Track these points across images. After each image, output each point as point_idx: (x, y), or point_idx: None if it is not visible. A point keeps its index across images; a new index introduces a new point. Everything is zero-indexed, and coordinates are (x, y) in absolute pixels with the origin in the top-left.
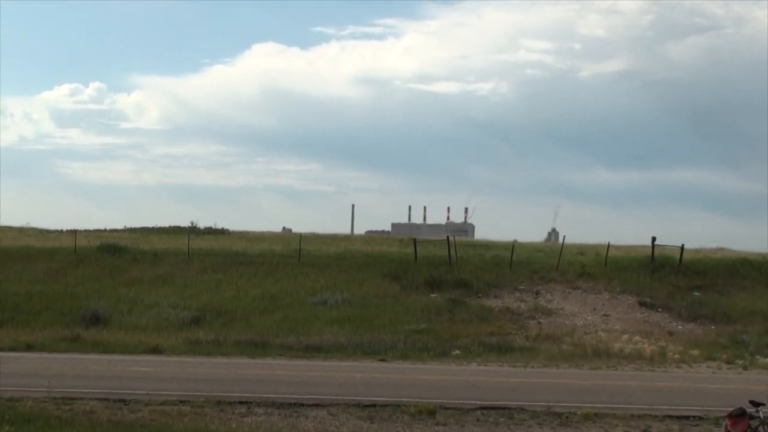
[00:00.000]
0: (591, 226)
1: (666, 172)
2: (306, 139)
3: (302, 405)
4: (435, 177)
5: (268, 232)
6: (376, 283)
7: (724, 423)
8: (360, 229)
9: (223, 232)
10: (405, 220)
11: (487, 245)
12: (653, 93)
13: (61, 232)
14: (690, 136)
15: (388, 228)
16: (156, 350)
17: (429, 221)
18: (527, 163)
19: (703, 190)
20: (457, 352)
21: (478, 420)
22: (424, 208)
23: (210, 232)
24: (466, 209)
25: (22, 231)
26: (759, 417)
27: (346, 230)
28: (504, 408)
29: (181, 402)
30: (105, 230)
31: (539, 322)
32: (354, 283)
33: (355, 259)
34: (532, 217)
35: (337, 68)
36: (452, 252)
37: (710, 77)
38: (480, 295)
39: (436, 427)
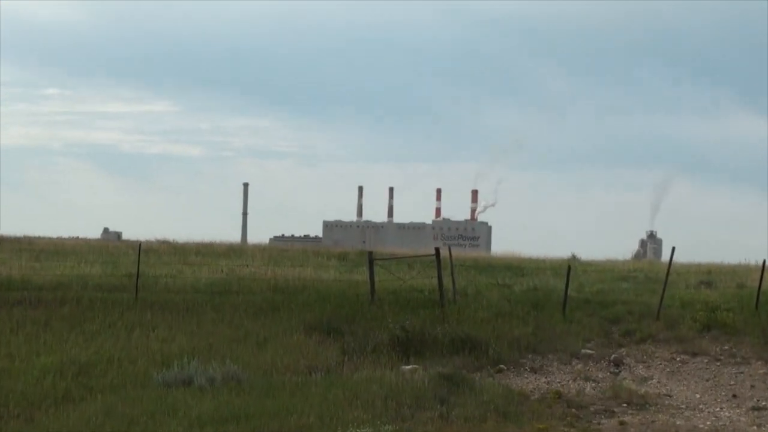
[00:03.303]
0: (727, 229)
1: None
2: (144, 47)
3: None
4: (411, 126)
5: (75, 238)
6: (292, 344)
7: None
8: (260, 234)
9: None
10: (350, 216)
11: (516, 266)
12: None
13: None
14: None
15: (318, 231)
16: None
17: (400, 217)
18: (596, 100)
19: None
20: None
21: None
22: (390, 191)
23: None
24: (476, 195)
25: None
26: None
27: (234, 236)
28: None
29: None
30: None
31: (622, 423)
32: (248, 344)
33: (251, 294)
34: (608, 212)
35: None
36: (447, 281)
37: None
38: (502, 366)
39: None
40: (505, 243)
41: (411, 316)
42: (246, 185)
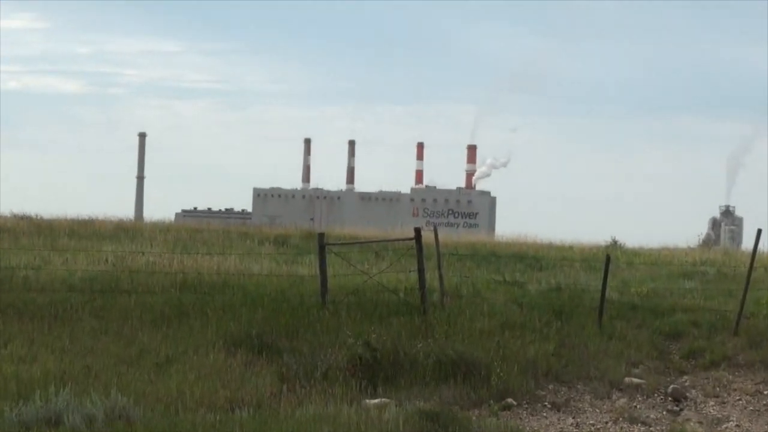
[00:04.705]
0: None
1: None
2: None
3: None
4: (379, 54)
5: None
6: (207, 366)
7: None
8: (163, 207)
9: None
10: (293, 182)
11: (531, 255)
12: None
13: None
14: None
15: (246, 204)
16: None
17: (364, 184)
18: (651, 18)
19: None
20: None
21: None
22: (351, 146)
23: None
24: (473, 152)
25: None
26: None
27: (125, 210)
28: None
29: None
30: None
31: None
32: (143, 366)
33: (149, 294)
34: (666, 179)
35: None
36: (432, 276)
37: None
38: (511, 401)
39: None
40: (515, 222)
41: (380, 327)
42: (143, 137)
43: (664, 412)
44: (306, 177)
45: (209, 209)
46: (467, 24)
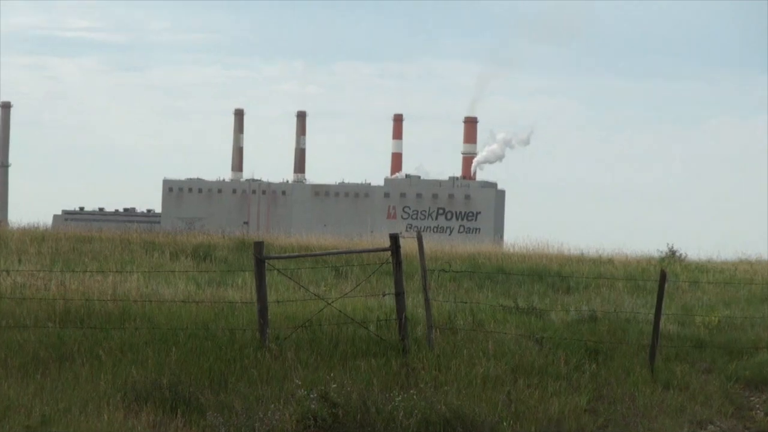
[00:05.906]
0: None
1: None
2: None
3: None
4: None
5: None
6: (99, 430)
7: None
8: (36, 208)
9: None
10: (219, 172)
11: (554, 271)
12: None
13: None
14: None
15: (154, 203)
16: None
17: (319, 173)
18: None
19: None
20: None
21: None
22: (300, 121)
23: None
24: (473, 128)
25: None
26: None
27: None
28: None
29: None
30: None
31: None
32: (10, 429)
33: (18, 328)
34: (743, 161)
35: None
36: (414, 301)
37: None
38: None
39: None
40: (532, 225)
41: (342, 373)
42: (6, 108)
43: None
44: (238, 164)
45: (101, 210)
46: None
